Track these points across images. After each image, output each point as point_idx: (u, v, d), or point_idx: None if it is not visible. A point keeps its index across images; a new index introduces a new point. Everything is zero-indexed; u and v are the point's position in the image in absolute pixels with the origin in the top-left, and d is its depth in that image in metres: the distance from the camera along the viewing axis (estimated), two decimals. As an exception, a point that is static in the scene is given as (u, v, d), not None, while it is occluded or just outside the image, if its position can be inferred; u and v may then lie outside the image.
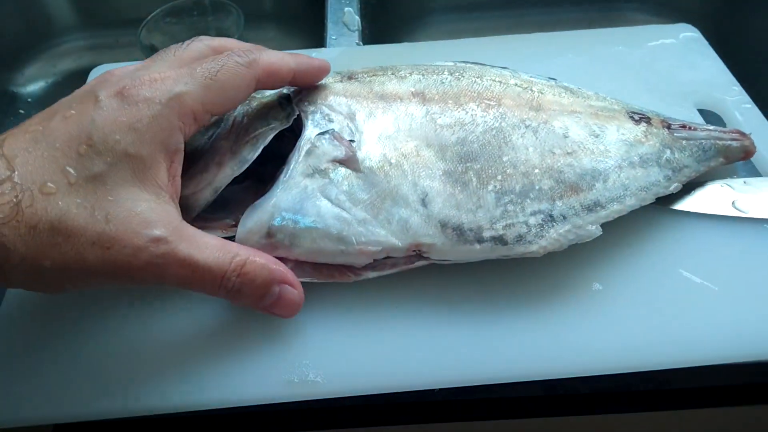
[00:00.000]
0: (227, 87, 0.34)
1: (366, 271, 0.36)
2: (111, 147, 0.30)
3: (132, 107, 0.31)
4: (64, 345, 0.36)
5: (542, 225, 0.36)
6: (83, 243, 0.29)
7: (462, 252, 0.36)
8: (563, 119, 0.40)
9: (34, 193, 0.29)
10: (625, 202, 0.38)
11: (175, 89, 0.32)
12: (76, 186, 0.30)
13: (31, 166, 0.30)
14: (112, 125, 0.31)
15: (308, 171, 0.37)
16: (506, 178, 0.37)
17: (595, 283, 0.37)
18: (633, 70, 0.51)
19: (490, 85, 0.42)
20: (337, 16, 0.61)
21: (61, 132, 0.31)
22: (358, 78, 0.43)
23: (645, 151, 0.40)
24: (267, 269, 0.33)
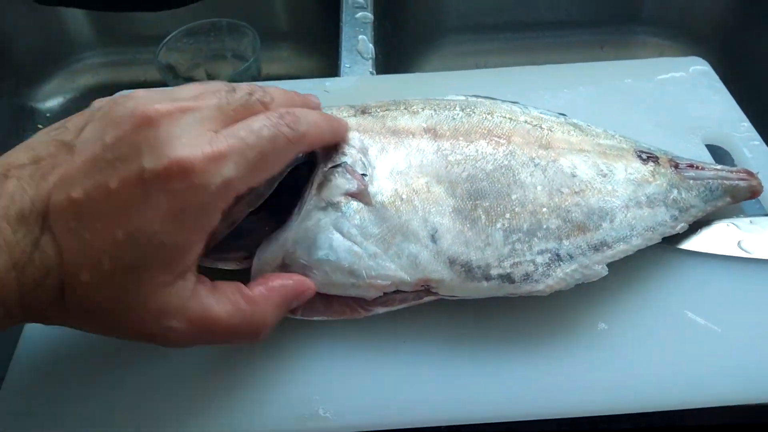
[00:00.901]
0: (274, 166, 0.34)
1: (375, 306, 0.37)
2: (149, 236, 0.29)
3: (179, 196, 0.29)
4: (72, 392, 0.37)
5: (549, 264, 0.37)
6: (116, 324, 0.31)
7: (470, 289, 0.37)
8: (572, 158, 0.41)
9: (74, 281, 0.29)
10: (631, 242, 0.39)
11: (226, 173, 0.30)
12: (109, 275, 0.29)
13: (73, 251, 0.29)
14: (154, 214, 0.29)
15: (321, 204, 0.38)
16: (514, 216, 0.38)
17: (601, 323, 0.38)
18: (642, 103, 0.52)
19: (500, 122, 0.43)
20: (351, 44, 0.62)
21: (103, 210, 0.29)
22: (371, 112, 0.44)
23: (652, 191, 0.40)
24: (280, 307, 0.34)
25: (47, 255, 0.29)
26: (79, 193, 0.29)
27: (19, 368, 0.38)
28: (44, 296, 0.30)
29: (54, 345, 0.39)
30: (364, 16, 0.66)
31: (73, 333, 0.38)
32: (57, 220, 0.29)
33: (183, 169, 0.29)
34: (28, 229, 0.29)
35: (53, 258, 0.29)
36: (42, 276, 0.29)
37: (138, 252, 0.29)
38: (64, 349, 0.39)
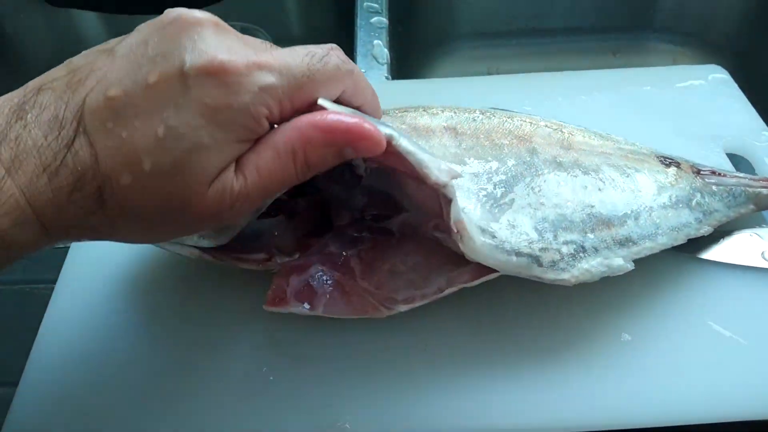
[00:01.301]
0: (320, 89, 0.31)
1: (398, 304, 0.36)
2: (191, 133, 0.28)
3: (220, 90, 0.28)
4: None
5: (574, 255, 0.36)
6: (164, 225, 0.30)
7: (499, 261, 0.35)
8: (594, 158, 0.40)
9: (114, 183, 0.28)
10: (657, 240, 0.38)
11: (269, 80, 0.29)
12: (151, 174, 0.28)
13: (111, 150, 0.28)
14: (197, 108, 0.28)
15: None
16: (539, 207, 0.37)
17: (624, 334, 0.37)
18: (661, 111, 0.51)
19: (520, 124, 0.42)
20: (367, 49, 0.62)
21: (143, 107, 0.28)
22: (389, 113, 0.43)
23: (675, 193, 0.40)
24: (330, 145, 0.30)
25: (81, 157, 0.27)
26: (117, 91, 0.28)
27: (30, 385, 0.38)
28: (83, 202, 0.28)
29: (66, 358, 0.39)
30: (379, 20, 0.66)
31: (85, 347, 0.38)
32: (92, 120, 0.28)
33: (225, 67, 0.28)
34: (61, 133, 0.27)
35: (88, 159, 0.27)
36: (77, 179, 0.27)
37: (179, 150, 0.28)
38: (77, 360, 0.38)
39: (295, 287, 0.37)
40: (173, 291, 0.41)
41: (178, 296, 0.41)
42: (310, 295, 0.36)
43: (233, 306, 0.40)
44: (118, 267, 0.42)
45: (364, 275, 0.38)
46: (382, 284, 0.37)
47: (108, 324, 0.39)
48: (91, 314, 0.40)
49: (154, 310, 0.40)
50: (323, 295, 0.36)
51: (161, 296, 0.41)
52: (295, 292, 0.36)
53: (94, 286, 0.41)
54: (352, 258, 0.38)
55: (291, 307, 0.36)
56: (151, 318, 0.40)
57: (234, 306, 0.40)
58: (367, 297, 0.36)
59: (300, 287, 0.36)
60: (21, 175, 0.27)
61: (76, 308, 0.40)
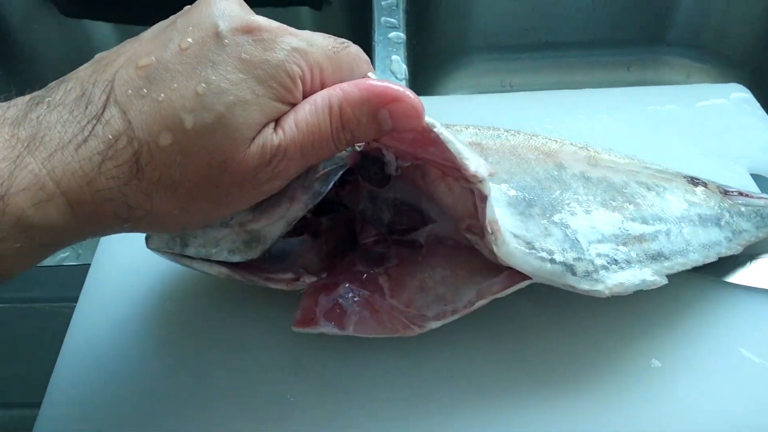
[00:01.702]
0: (344, 68, 0.31)
1: (428, 321, 0.36)
2: (230, 87, 0.28)
3: (256, 46, 0.28)
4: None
5: (607, 267, 0.35)
6: (207, 190, 0.29)
7: (533, 266, 0.34)
8: (621, 175, 0.40)
9: (152, 147, 0.27)
10: (688, 257, 0.37)
11: (301, 45, 0.29)
12: (193, 132, 0.28)
13: (146, 114, 0.27)
14: (234, 63, 0.28)
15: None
16: (570, 219, 0.37)
17: (654, 359, 0.37)
18: (684, 130, 0.51)
19: (545, 142, 0.42)
20: (385, 64, 0.62)
21: (178, 69, 0.28)
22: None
23: (704, 212, 0.40)
24: (364, 103, 0.30)
25: (113, 125, 0.27)
26: (149, 60, 0.28)
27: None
28: (117, 171, 0.27)
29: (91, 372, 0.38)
30: (397, 36, 0.65)
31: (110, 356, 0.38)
32: (125, 90, 0.27)
33: (259, 27, 0.29)
34: (88, 108, 0.27)
35: (121, 126, 0.27)
36: (109, 147, 0.27)
37: (221, 104, 0.28)
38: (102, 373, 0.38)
39: (324, 307, 0.36)
40: (197, 311, 0.40)
41: (201, 317, 0.40)
42: (340, 315, 0.36)
43: (258, 329, 0.39)
44: (140, 286, 0.42)
45: (393, 293, 0.37)
46: (412, 301, 0.37)
47: (130, 344, 0.39)
48: (113, 334, 0.40)
49: (177, 330, 0.40)
50: (353, 315, 0.36)
51: (184, 317, 0.40)
52: (325, 312, 0.36)
53: (116, 305, 0.41)
54: (380, 275, 0.38)
55: (320, 327, 0.35)
56: (174, 338, 0.39)
57: (259, 329, 0.39)
58: (398, 315, 0.36)
59: (329, 307, 0.36)
60: (42, 149, 0.26)
61: (98, 327, 0.40)
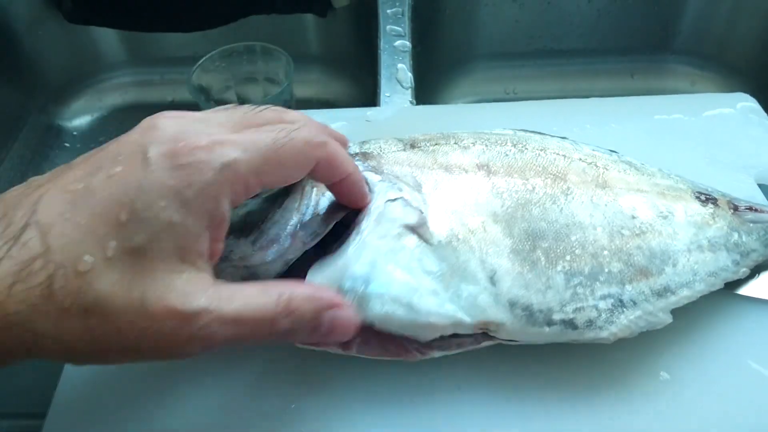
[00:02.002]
0: (288, 164, 0.31)
1: (432, 350, 0.36)
2: (155, 215, 0.27)
3: (182, 171, 0.28)
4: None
5: (612, 310, 0.36)
6: (120, 324, 0.27)
7: (531, 334, 0.36)
8: (630, 198, 0.40)
9: (68, 271, 0.26)
10: (694, 288, 0.37)
11: (232, 155, 0.29)
12: (114, 260, 0.27)
13: (67, 237, 0.26)
14: (159, 190, 0.28)
15: (380, 233, 0.37)
16: (575, 258, 0.37)
17: (663, 372, 0.37)
18: (692, 140, 0.51)
19: (554, 158, 0.42)
20: (390, 72, 0.62)
21: (104, 195, 0.27)
22: (420, 147, 0.43)
23: (713, 234, 0.39)
24: (313, 300, 0.31)
25: (30, 247, 0.26)
26: (77, 185, 0.28)
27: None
28: (27, 294, 0.26)
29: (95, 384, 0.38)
30: (403, 44, 0.65)
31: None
32: (47, 212, 0.27)
33: (188, 147, 0.28)
34: (6, 228, 0.26)
35: (39, 248, 0.26)
36: (21, 269, 0.26)
37: (145, 232, 0.27)
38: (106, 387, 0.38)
39: None
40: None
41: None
42: None
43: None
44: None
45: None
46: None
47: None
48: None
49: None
50: (357, 336, 0.36)
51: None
52: None
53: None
54: None
55: (324, 345, 0.35)
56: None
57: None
58: (402, 341, 0.36)
59: None
60: None
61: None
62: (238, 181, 0.29)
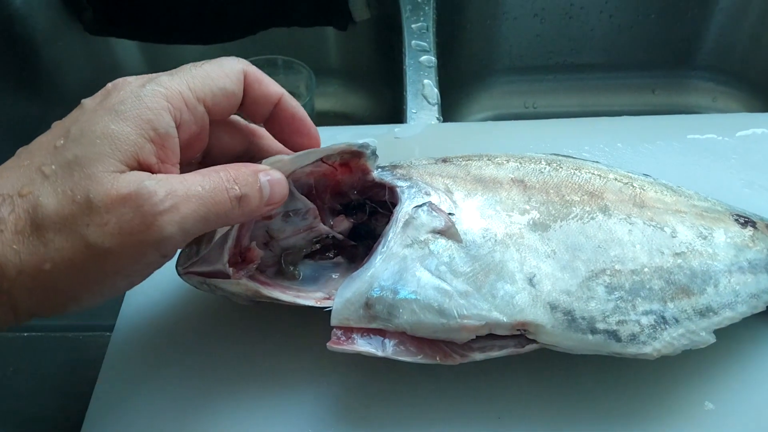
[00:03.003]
0: (213, 74, 0.33)
1: (473, 352, 0.35)
2: (90, 130, 0.29)
3: (115, 94, 0.30)
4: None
5: (655, 326, 0.35)
6: (77, 230, 0.27)
7: (573, 340, 0.34)
8: (669, 218, 0.39)
9: (14, 198, 0.28)
10: (737, 309, 0.36)
11: (159, 79, 0.31)
12: (52, 177, 0.28)
13: (10, 177, 0.29)
14: (93, 114, 0.29)
15: (407, 241, 0.36)
16: (615, 273, 0.36)
17: (707, 402, 0.36)
18: (726, 160, 0.50)
19: (589, 177, 0.41)
20: (416, 89, 0.61)
21: (43, 140, 0.30)
22: (453, 161, 0.42)
23: (753, 257, 0.38)
24: (246, 166, 0.33)
25: None
26: (26, 149, 0.31)
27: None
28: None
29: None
30: (428, 59, 0.65)
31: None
32: (4, 173, 0.29)
33: (117, 83, 0.32)
34: None
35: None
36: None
37: (79, 147, 0.29)
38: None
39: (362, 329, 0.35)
40: (229, 338, 0.40)
41: (233, 344, 0.40)
42: (379, 335, 0.35)
43: (290, 359, 0.39)
44: (174, 313, 0.41)
45: None
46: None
47: (166, 373, 0.38)
48: (149, 362, 0.39)
49: (212, 358, 0.39)
50: (392, 336, 0.35)
51: (218, 344, 0.40)
52: (362, 333, 0.35)
53: (150, 332, 0.40)
54: None
55: (358, 346, 0.34)
56: (208, 368, 0.39)
57: (293, 359, 0.39)
58: (439, 343, 0.35)
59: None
60: None
61: (133, 356, 0.39)
62: (171, 94, 0.31)
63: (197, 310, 0.41)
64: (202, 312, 0.41)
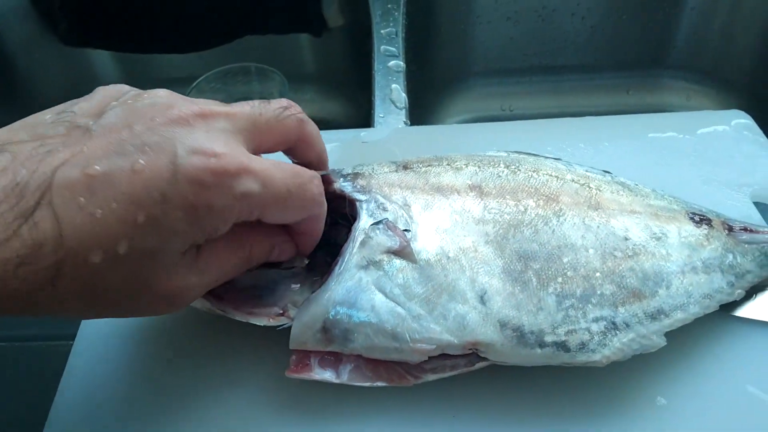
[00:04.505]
0: (291, 212, 0.34)
1: (425, 373, 0.36)
2: (170, 224, 0.28)
3: (206, 193, 0.29)
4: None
5: (605, 333, 0.35)
6: (122, 304, 0.30)
7: (522, 356, 0.35)
8: (623, 219, 0.40)
9: (78, 260, 0.26)
10: (689, 310, 0.37)
11: (253, 188, 0.30)
12: (124, 258, 0.27)
13: (82, 228, 0.26)
14: (180, 203, 0.28)
15: (362, 263, 0.37)
16: (567, 280, 0.36)
17: (660, 397, 0.36)
18: (686, 158, 0.51)
19: (546, 180, 0.41)
20: (384, 93, 0.62)
21: (124, 190, 0.27)
22: (413, 168, 0.43)
23: (707, 256, 0.39)
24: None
25: (41, 229, 0.26)
26: (97, 169, 0.27)
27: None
28: (34, 277, 0.26)
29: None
30: (397, 64, 0.65)
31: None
32: (63, 193, 0.26)
33: (218, 167, 0.29)
34: (20, 203, 0.26)
35: (49, 233, 0.26)
36: (31, 252, 0.25)
37: (158, 237, 0.28)
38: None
39: (318, 353, 0.36)
40: (193, 349, 0.40)
41: (197, 354, 0.40)
42: (335, 362, 0.35)
43: (253, 366, 0.39)
44: (136, 323, 0.41)
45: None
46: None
47: (127, 382, 0.39)
48: (110, 372, 0.39)
49: (173, 367, 0.39)
50: (348, 362, 0.35)
51: (180, 353, 0.40)
52: (320, 359, 0.35)
53: (112, 342, 0.40)
54: None
55: (315, 374, 0.35)
56: (169, 376, 0.39)
57: (254, 366, 0.39)
58: (394, 365, 0.35)
59: (324, 353, 0.36)
60: None
61: (94, 366, 0.39)
62: (247, 211, 0.31)
63: (161, 317, 0.41)
64: (165, 318, 0.41)
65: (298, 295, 0.38)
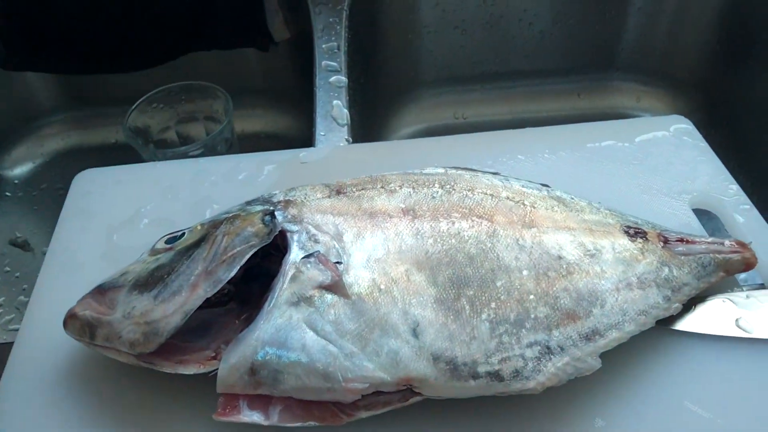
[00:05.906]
0: None
1: (358, 411, 0.35)
2: None
3: None
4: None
5: (539, 358, 0.34)
6: None
7: (456, 389, 0.34)
8: (557, 237, 0.39)
9: None
10: (624, 329, 0.36)
11: None
12: None
13: None
14: None
15: (293, 299, 0.35)
16: (500, 305, 0.36)
17: (597, 419, 0.35)
18: (624, 166, 0.50)
19: (481, 199, 0.41)
20: (326, 110, 0.60)
21: None
22: (346, 192, 0.42)
23: (642, 270, 0.38)
24: None
25: None
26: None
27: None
28: None
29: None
30: (338, 80, 0.64)
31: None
32: None
33: None
34: None
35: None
36: None
37: None
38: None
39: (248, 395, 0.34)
40: (120, 386, 0.38)
41: (124, 392, 0.38)
42: (265, 403, 0.34)
43: (181, 408, 0.37)
44: (64, 367, 0.40)
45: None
46: None
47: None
48: (33, 416, 0.37)
49: (97, 412, 0.37)
50: (278, 402, 0.34)
51: (106, 393, 0.38)
52: (249, 400, 0.34)
53: (38, 385, 0.39)
54: None
55: (243, 416, 0.34)
56: (93, 421, 0.37)
57: (183, 410, 0.37)
58: (326, 404, 0.34)
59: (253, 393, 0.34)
60: None
61: (20, 410, 0.38)
62: None
63: (86, 363, 0.40)
64: (90, 364, 0.40)
65: (233, 333, 0.37)
